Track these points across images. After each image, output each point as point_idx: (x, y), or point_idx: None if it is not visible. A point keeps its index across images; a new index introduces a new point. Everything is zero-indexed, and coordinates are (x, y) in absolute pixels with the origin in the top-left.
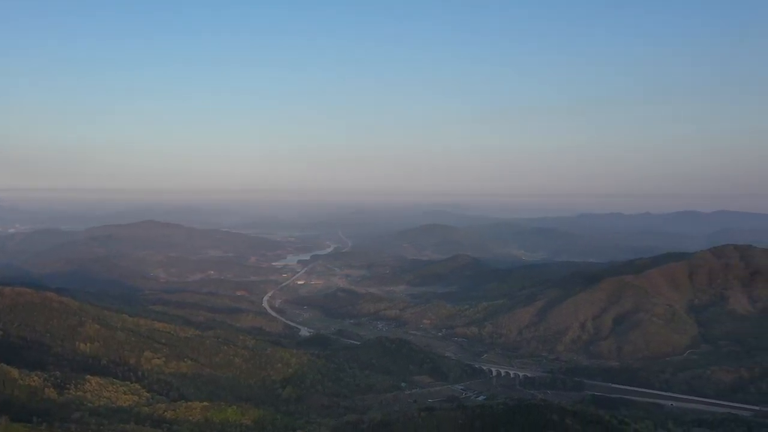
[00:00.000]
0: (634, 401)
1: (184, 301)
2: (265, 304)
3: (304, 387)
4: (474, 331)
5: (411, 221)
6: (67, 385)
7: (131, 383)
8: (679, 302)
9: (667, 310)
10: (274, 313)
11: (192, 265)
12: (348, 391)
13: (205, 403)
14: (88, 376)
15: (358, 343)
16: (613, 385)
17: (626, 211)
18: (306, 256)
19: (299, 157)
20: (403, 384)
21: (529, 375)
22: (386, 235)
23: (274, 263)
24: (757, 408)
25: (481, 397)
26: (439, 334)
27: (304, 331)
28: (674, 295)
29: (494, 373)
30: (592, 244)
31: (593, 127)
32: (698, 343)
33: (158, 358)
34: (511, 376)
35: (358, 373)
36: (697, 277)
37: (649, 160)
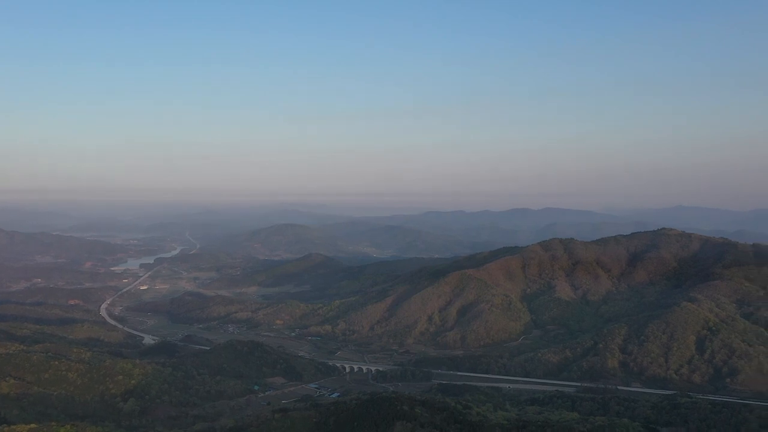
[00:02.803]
0: (476, 386)
1: (4, 314)
2: (103, 312)
3: (149, 398)
4: (327, 329)
5: (262, 221)
6: None
7: None
8: (515, 292)
9: (504, 300)
10: (113, 322)
11: (14, 273)
12: (197, 398)
13: (32, 426)
14: None
15: (208, 348)
16: (459, 373)
17: (468, 209)
18: (149, 260)
19: (141, 156)
20: (256, 387)
21: (381, 369)
22: (237, 235)
23: (113, 268)
24: (578, 384)
25: (335, 394)
26: (293, 333)
27: (149, 339)
28: (510, 286)
29: (348, 370)
30: (437, 241)
31: (437, 130)
32: (531, 329)
33: None
34: (364, 371)
35: (209, 379)
36: (529, 268)
37: (486, 162)
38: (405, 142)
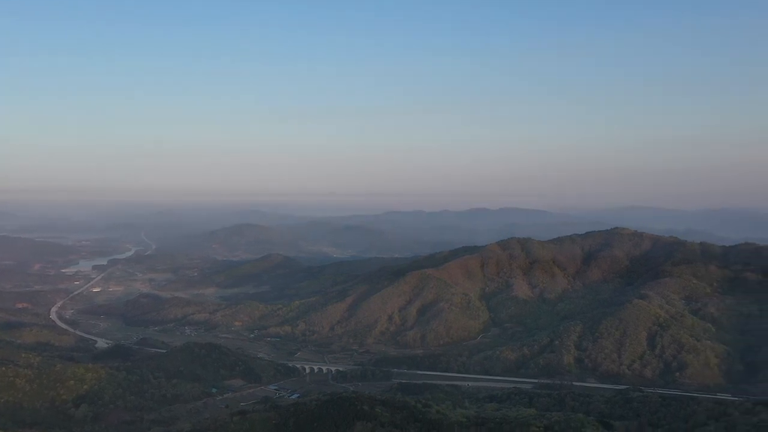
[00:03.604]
0: (436, 385)
1: None
2: (53, 316)
3: (102, 404)
4: (287, 329)
5: (222, 221)
6: None
7: None
8: (474, 291)
9: (464, 299)
10: (64, 326)
11: None
12: (153, 403)
13: None
14: None
15: (164, 351)
16: (419, 372)
17: (428, 208)
18: (103, 261)
19: (94, 154)
20: (214, 390)
21: (341, 369)
22: (195, 236)
23: (63, 270)
24: (536, 381)
25: (294, 395)
26: (252, 335)
27: (102, 343)
28: (469, 285)
29: (308, 371)
30: (397, 240)
31: (398, 130)
32: (489, 327)
33: None
34: (324, 371)
35: (165, 382)
36: (487, 267)
37: (446, 162)
38: (366, 142)
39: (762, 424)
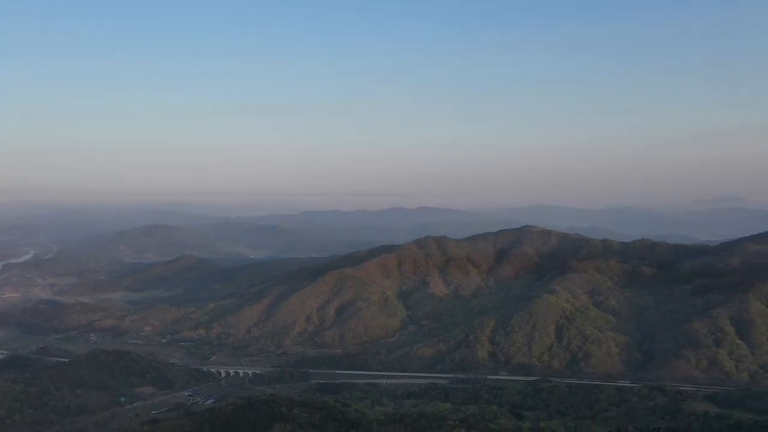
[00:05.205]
0: (355, 384)
1: None
2: None
3: None
4: (201, 333)
5: (130, 222)
6: None
7: None
8: (391, 289)
9: (381, 298)
10: None
11: None
12: (55, 416)
13: None
14: None
15: (67, 360)
16: (337, 371)
17: (346, 208)
18: None
19: None
20: (122, 399)
21: (258, 372)
22: (101, 237)
23: None
24: (452, 376)
25: (209, 401)
26: (164, 340)
27: None
28: (387, 283)
29: (224, 375)
30: (315, 240)
31: (311, 129)
32: (407, 325)
33: None
34: (241, 375)
35: (68, 393)
36: (404, 266)
37: (363, 162)
38: (282, 141)
39: (657, 408)
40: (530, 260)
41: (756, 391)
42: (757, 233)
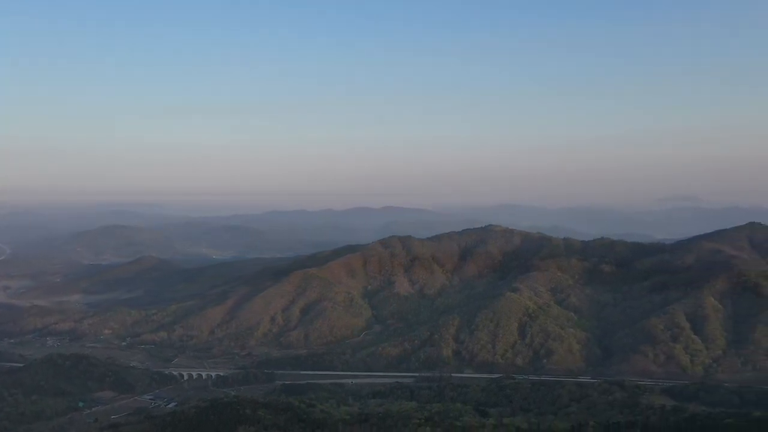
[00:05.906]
0: (320, 384)
1: None
2: None
3: None
4: (163, 335)
5: (87, 223)
6: None
7: None
8: (356, 289)
9: (347, 298)
10: None
11: None
12: (9, 423)
13: None
14: None
15: (22, 365)
16: (302, 372)
17: (310, 208)
18: None
19: None
20: (81, 404)
21: (222, 374)
22: (56, 238)
23: None
24: (417, 374)
25: (172, 404)
26: (124, 343)
27: None
28: (352, 283)
29: (186, 377)
30: (279, 240)
31: (278, 128)
32: (372, 324)
33: None
34: (204, 377)
35: (23, 399)
36: (370, 265)
37: (328, 160)
38: (246, 140)
39: (616, 402)
40: (494, 259)
41: (710, 385)
42: (710, 231)
